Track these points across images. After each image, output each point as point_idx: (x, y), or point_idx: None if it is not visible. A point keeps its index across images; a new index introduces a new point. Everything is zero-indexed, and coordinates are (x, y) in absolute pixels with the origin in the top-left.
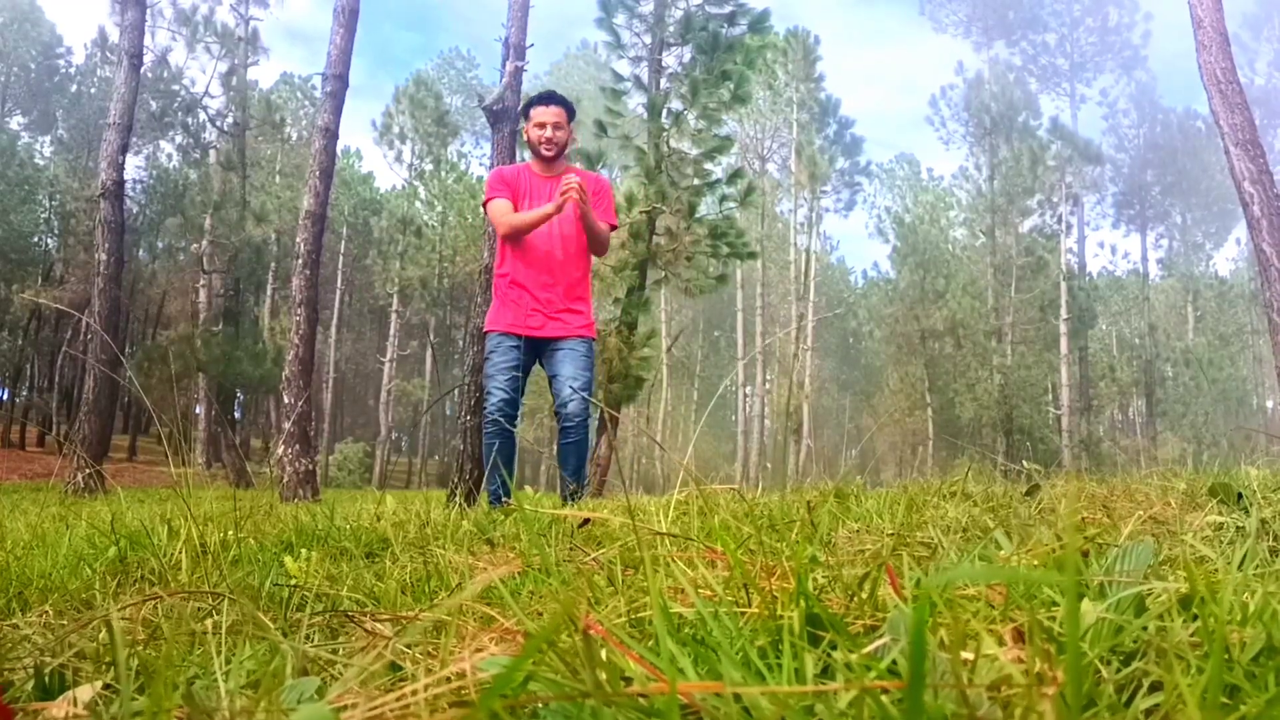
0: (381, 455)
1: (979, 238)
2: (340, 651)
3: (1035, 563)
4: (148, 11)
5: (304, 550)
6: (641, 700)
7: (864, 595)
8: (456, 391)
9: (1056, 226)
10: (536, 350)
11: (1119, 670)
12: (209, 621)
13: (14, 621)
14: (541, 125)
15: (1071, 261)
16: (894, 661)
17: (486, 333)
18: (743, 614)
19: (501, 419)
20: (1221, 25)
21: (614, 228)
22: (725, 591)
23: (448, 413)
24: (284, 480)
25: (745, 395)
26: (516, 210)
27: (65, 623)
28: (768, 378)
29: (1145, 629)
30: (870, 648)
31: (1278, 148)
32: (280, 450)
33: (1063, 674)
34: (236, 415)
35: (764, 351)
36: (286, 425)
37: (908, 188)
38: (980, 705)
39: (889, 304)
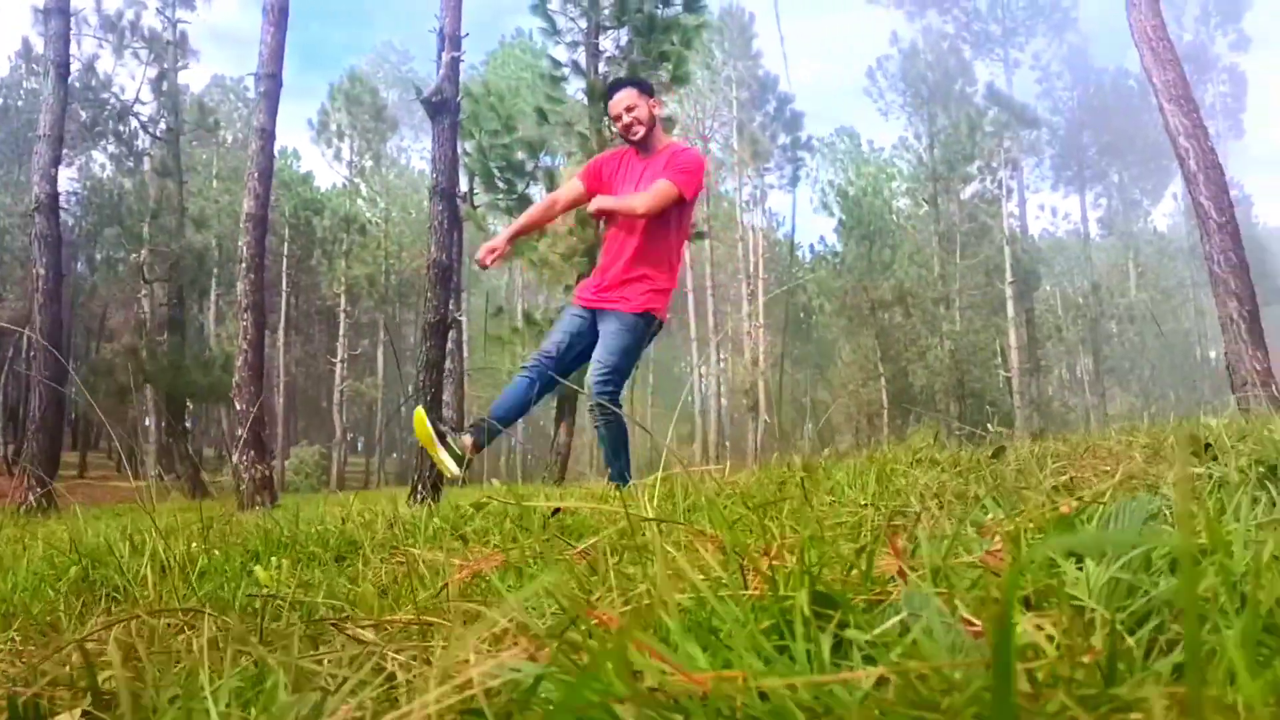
0: (338, 457)
1: (922, 206)
2: (326, 662)
3: (1030, 525)
4: (72, 19)
5: (273, 558)
6: (669, 700)
7: (862, 569)
8: (411, 387)
9: (997, 191)
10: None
11: (1133, 631)
12: (184, 639)
13: None
14: (617, 117)
15: (1014, 225)
16: (912, 640)
17: None
18: (742, 597)
19: (537, 365)
20: None
21: (682, 196)
22: (723, 575)
23: (403, 411)
24: (241, 488)
25: (700, 375)
26: (595, 195)
27: (33, 648)
28: (722, 357)
29: (1158, 586)
30: (888, 624)
31: (1208, 102)
32: (235, 458)
33: (1097, 642)
34: (188, 425)
35: (717, 331)
36: (240, 432)
37: (849, 160)
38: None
39: (837, 277)
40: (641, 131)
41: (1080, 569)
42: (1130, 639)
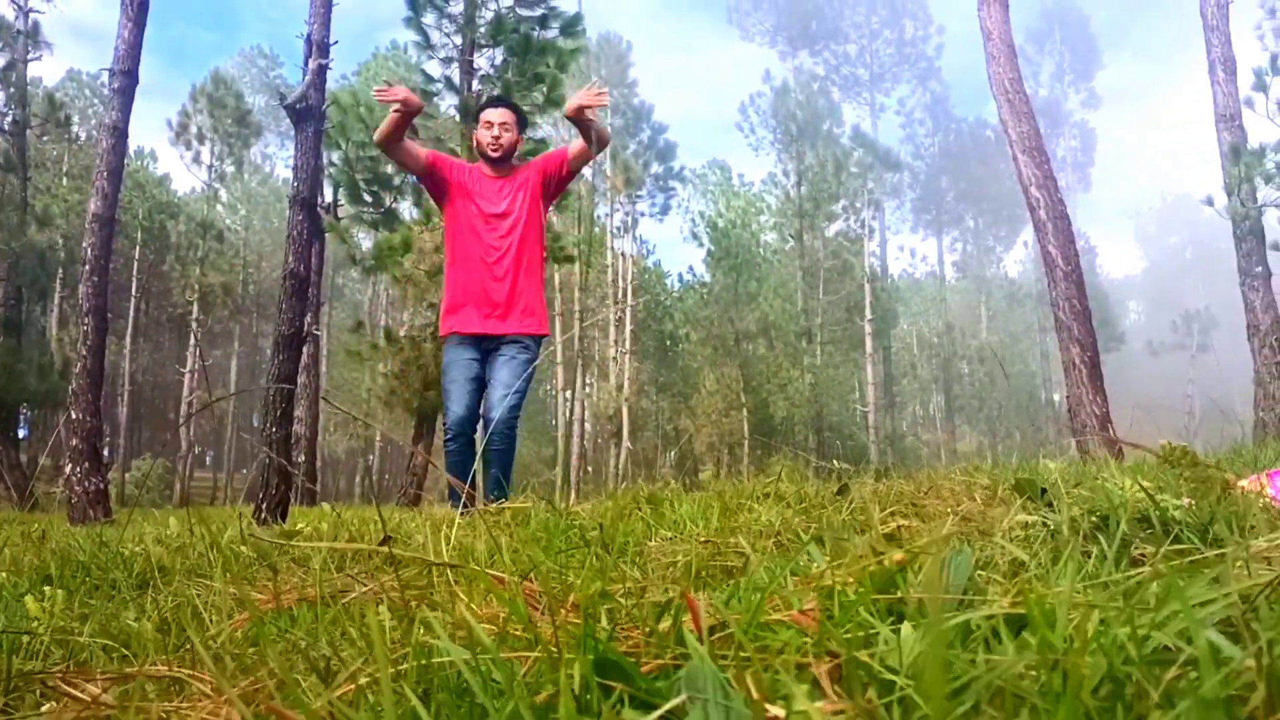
0: (183, 471)
1: (788, 241)
2: None
3: (850, 580)
4: None
5: (48, 588)
6: None
7: (663, 628)
8: (261, 401)
9: (860, 231)
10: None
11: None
12: None
13: None
14: (489, 125)
15: (874, 264)
16: None
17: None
18: (530, 658)
19: (461, 434)
20: (1009, 38)
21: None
22: (511, 629)
23: (255, 424)
24: (72, 501)
25: (565, 399)
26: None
27: None
28: (588, 381)
29: (974, 661)
30: (658, 713)
31: (1059, 155)
32: (68, 469)
33: None
34: (22, 433)
35: (582, 355)
36: (74, 441)
37: (720, 193)
38: None
39: (704, 307)
40: (501, 152)
41: (896, 631)
42: None
